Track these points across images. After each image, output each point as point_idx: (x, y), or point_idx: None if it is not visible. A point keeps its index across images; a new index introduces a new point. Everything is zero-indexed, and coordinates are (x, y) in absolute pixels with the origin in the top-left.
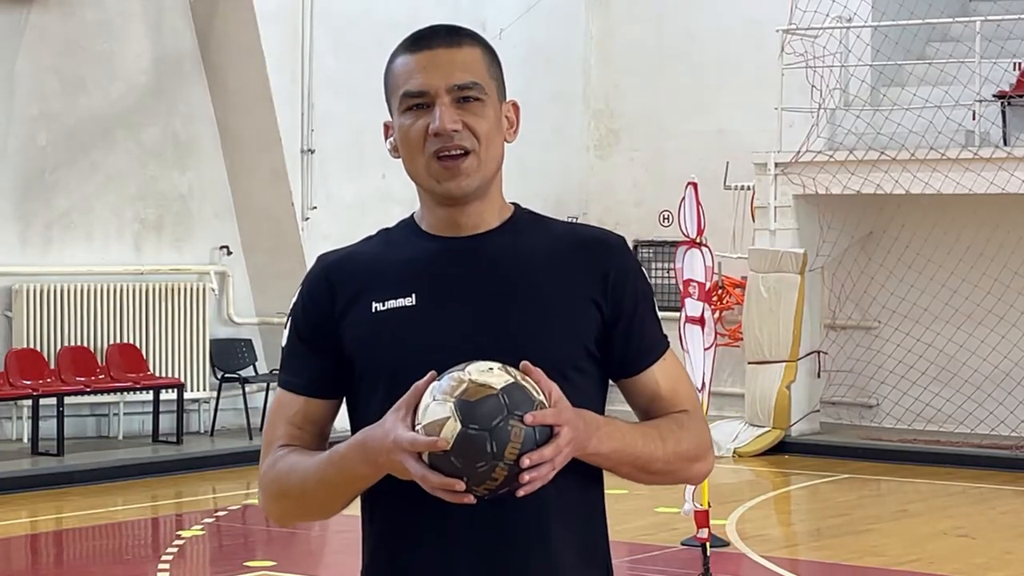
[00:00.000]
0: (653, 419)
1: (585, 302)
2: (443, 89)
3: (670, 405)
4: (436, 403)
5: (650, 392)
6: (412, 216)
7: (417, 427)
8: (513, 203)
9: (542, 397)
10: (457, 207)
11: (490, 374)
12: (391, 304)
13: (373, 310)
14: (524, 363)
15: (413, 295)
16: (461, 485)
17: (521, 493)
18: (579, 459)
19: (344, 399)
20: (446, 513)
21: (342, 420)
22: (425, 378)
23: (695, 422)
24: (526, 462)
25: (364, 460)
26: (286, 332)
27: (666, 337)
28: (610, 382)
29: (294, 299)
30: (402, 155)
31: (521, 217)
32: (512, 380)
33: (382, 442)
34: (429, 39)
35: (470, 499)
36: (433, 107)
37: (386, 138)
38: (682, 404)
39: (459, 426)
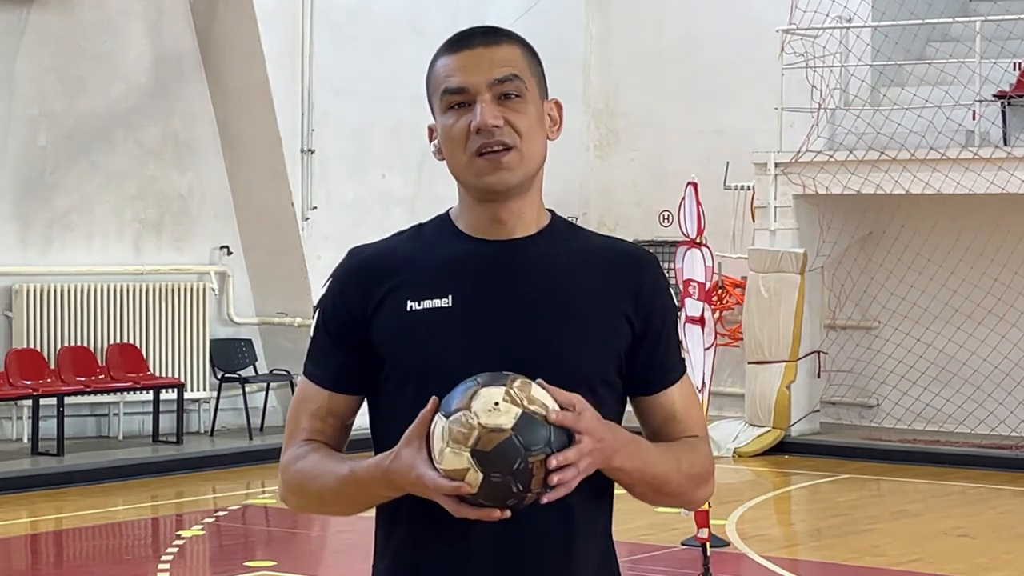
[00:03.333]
0: (666, 441)
1: (618, 317)
2: (484, 86)
3: (683, 428)
4: (451, 452)
5: (666, 413)
6: (448, 213)
7: (437, 466)
8: (550, 210)
9: (554, 405)
10: (498, 203)
11: (497, 413)
12: (427, 304)
13: (408, 309)
14: (539, 381)
15: (449, 296)
16: (497, 514)
17: (545, 500)
18: (602, 473)
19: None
20: (468, 530)
21: (364, 415)
22: (429, 406)
23: (705, 447)
24: (553, 463)
25: (388, 485)
26: (313, 322)
27: (683, 361)
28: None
29: (323, 290)
30: (445, 154)
31: (558, 225)
32: (520, 412)
33: (406, 476)
34: (468, 39)
35: (507, 514)
36: (474, 105)
37: (430, 140)
38: (693, 429)
39: (480, 475)
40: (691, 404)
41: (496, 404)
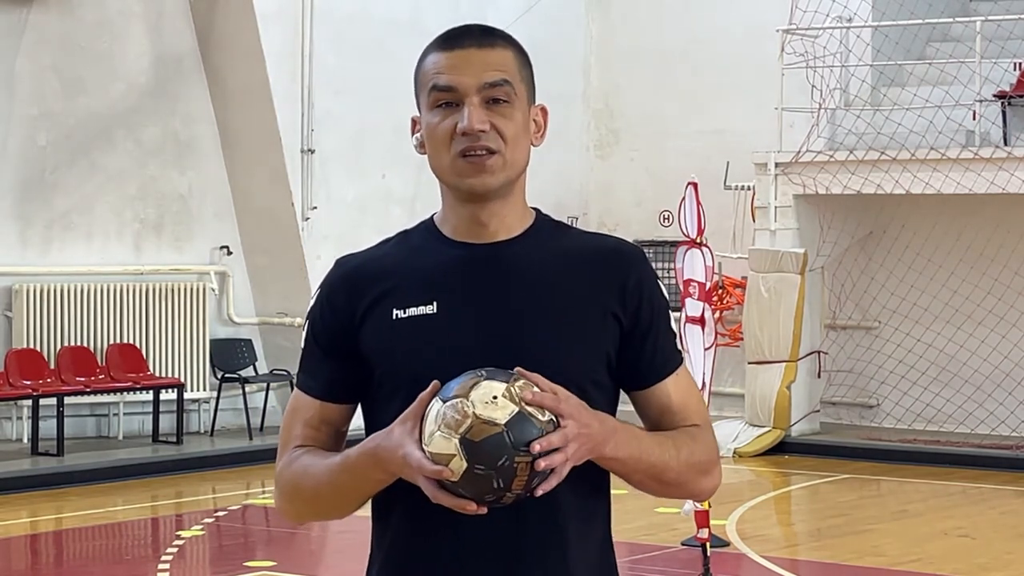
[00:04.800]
0: (665, 431)
1: (605, 315)
2: (473, 88)
3: (681, 419)
4: (441, 435)
5: (662, 405)
6: (432, 218)
7: (424, 447)
8: (534, 208)
9: (549, 417)
10: (479, 204)
11: (494, 406)
12: (412, 312)
13: (394, 317)
14: (518, 369)
15: (434, 303)
16: (473, 507)
17: (539, 492)
18: (596, 464)
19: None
20: (461, 524)
21: (359, 418)
22: (429, 389)
23: (707, 436)
24: (536, 448)
25: (377, 467)
26: (303, 333)
27: (680, 352)
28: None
29: (312, 302)
30: (428, 151)
31: (543, 224)
32: (517, 410)
33: (393, 453)
34: (462, 38)
35: (483, 510)
36: (462, 106)
37: (413, 133)
38: (693, 418)
39: (465, 464)
40: (689, 395)
41: (495, 398)
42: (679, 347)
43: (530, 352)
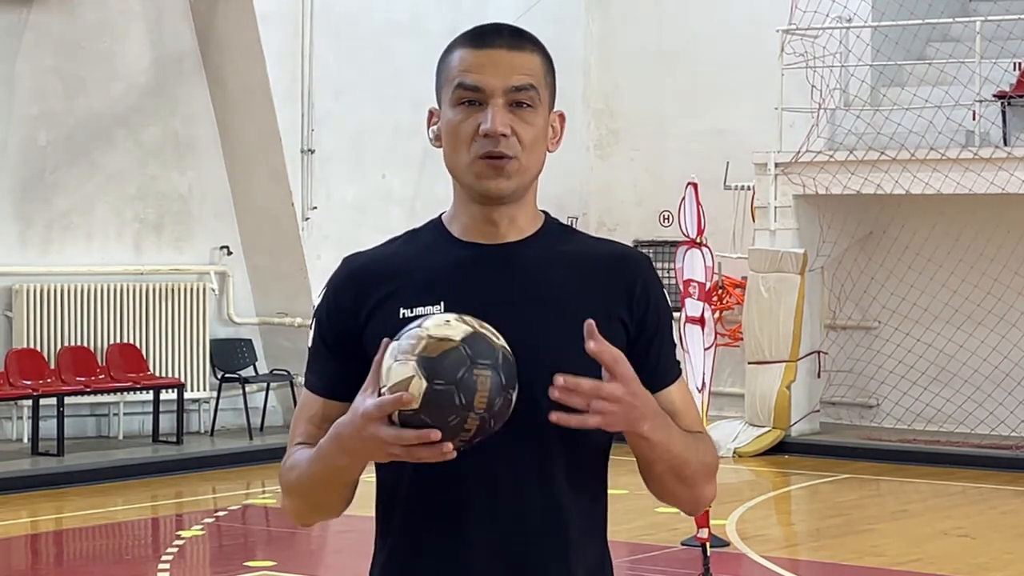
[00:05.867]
0: None
1: (612, 320)
2: (499, 90)
3: (684, 426)
4: (398, 363)
5: (666, 411)
6: (440, 217)
7: (382, 390)
8: (543, 211)
9: (503, 342)
10: (491, 206)
11: (448, 327)
12: (419, 311)
13: (400, 316)
14: (588, 322)
15: (441, 303)
16: (437, 434)
17: (554, 418)
18: (601, 459)
19: None
20: (463, 524)
21: None
22: (380, 347)
23: (711, 442)
24: (560, 380)
25: (340, 449)
26: (311, 332)
27: (679, 363)
28: None
29: (318, 300)
30: (444, 147)
31: (551, 228)
32: (471, 330)
33: (352, 423)
34: (492, 37)
35: (449, 448)
36: (486, 106)
37: (428, 125)
38: (694, 426)
39: (424, 383)
40: (690, 403)
41: (447, 321)
42: (677, 359)
43: (537, 353)
